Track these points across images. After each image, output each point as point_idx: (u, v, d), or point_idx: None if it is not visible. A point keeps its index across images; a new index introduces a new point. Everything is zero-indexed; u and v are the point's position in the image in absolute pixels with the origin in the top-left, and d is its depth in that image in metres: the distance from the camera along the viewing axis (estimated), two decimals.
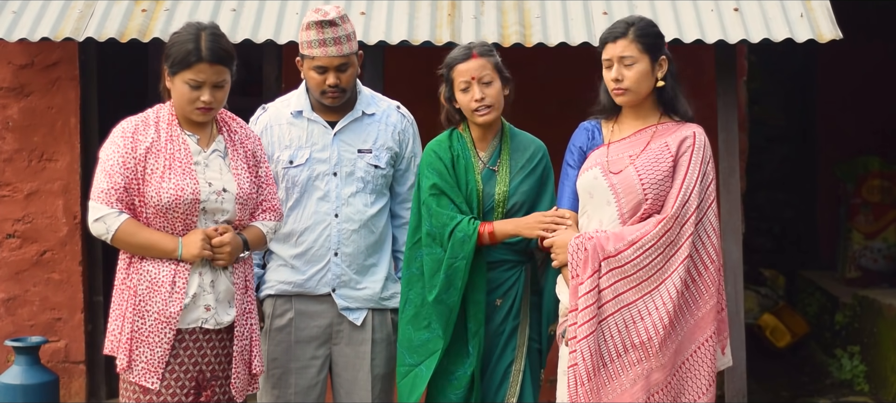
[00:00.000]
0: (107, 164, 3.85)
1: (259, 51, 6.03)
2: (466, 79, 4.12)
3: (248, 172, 3.96)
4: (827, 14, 5.68)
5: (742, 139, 6.61)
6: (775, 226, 10.41)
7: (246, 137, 4.03)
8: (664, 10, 5.71)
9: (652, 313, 3.80)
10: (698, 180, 3.86)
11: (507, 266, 4.18)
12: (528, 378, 4.16)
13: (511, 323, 4.17)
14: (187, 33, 3.86)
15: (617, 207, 3.87)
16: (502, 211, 4.16)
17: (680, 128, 3.93)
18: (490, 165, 4.21)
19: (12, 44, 5.95)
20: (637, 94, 3.91)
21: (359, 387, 4.38)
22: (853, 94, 9.48)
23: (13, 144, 6.52)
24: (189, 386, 3.86)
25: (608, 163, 3.90)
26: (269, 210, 4.04)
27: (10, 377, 5.98)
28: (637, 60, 3.88)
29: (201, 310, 3.86)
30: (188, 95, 3.84)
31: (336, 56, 4.22)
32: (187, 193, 3.81)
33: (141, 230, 3.82)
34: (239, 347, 3.92)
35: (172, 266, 3.82)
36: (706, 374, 3.88)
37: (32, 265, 6.56)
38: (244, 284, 3.97)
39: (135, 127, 3.88)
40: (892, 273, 8.57)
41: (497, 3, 5.84)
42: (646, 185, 3.84)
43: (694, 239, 3.84)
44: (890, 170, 8.78)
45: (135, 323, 3.80)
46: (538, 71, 6.17)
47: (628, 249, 3.80)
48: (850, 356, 7.79)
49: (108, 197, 3.82)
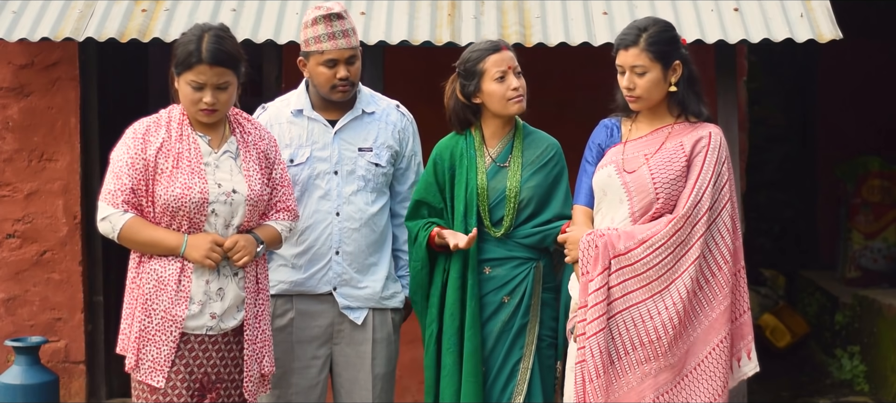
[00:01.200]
0: (116, 165, 3.87)
1: (259, 51, 6.02)
2: (503, 68, 4.14)
3: (260, 173, 3.96)
4: (827, 14, 5.68)
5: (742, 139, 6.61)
6: (775, 226, 10.41)
7: (260, 138, 4.03)
8: (664, 10, 5.71)
9: (661, 312, 3.79)
10: (712, 180, 3.84)
11: (516, 263, 4.19)
12: (536, 376, 4.16)
13: (519, 321, 4.17)
14: (192, 34, 3.87)
15: (629, 206, 3.87)
16: (513, 205, 4.16)
17: (696, 129, 3.91)
18: (499, 161, 4.22)
19: (12, 44, 5.95)
20: (649, 100, 3.90)
21: (359, 387, 4.38)
22: (853, 94, 9.48)
23: (13, 144, 6.52)
24: (194, 388, 3.87)
25: (623, 161, 3.90)
26: (284, 210, 4.04)
27: (10, 377, 5.98)
28: (648, 69, 3.86)
29: (207, 318, 3.86)
30: (191, 96, 3.85)
31: (346, 48, 4.23)
32: (195, 192, 3.82)
33: (145, 227, 3.83)
34: (250, 350, 3.92)
35: (177, 265, 3.83)
36: (720, 377, 3.86)
37: (32, 265, 6.55)
38: (255, 286, 3.96)
39: (146, 128, 3.90)
40: (892, 273, 8.57)
41: (497, 3, 5.84)
42: (657, 184, 3.84)
43: (706, 239, 3.83)
44: (890, 170, 8.77)
45: (142, 322, 3.82)
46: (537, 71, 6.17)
47: (638, 247, 3.80)
48: (850, 356, 7.79)
49: (115, 198, 3.84)
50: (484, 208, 4.17)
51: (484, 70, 4.15)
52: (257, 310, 3.96)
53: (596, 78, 4.56)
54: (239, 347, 3.94)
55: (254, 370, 3.93)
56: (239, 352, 3.94)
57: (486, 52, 4.17)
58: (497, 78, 4.14)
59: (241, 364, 3.94)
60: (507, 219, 4.17)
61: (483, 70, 4.15)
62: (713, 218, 3.85)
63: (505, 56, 4.16)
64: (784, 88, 10.43)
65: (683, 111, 3.93)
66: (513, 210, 4.17)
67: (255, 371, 3.94)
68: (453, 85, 4.24)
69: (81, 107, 6.48)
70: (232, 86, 3.89)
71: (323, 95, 4.32)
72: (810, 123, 10.06)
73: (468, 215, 4.18)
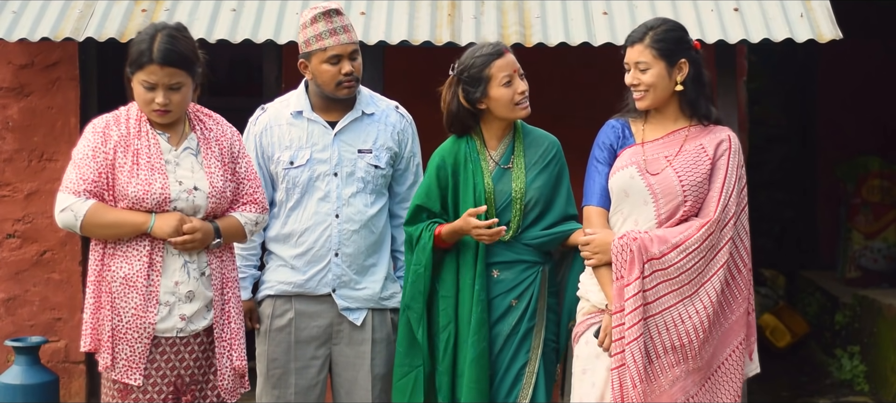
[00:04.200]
0: (77, 158, 3.84)
1: (259, 51, 6.02)
2: (509, 73, 4.12)
3: (222, 169, 3.92)
4: (827, 14, 5.68)
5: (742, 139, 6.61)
6: (775, 226, 10.41)
7: (221, 133, 3.99)
8: (664, 10, 5.71)
9: (692, 316, 3.80)
10: (736, 183, 3.86)
11: (525, 267, 4.18)
12: (541, 379, 4.15)
13: (526, 324, 4.16)
14: (145, 33, 3.83)
15: (654, 208, 3.85)
16: (520, 207, 4.16)
17: (712, 131, 3.91)
18: (502, 163, 4.21)
19: (12, 44, 5.95)
20: (654, 98, 3.90)
21: (359, 387, 4.38)
22: (853, 94, 9.48)
23: (13, 144, 6.52)
24: (167, 391, 3.85)
25: (645, 163, 3.89)
26: (251, 203, 4.00)
27: (10, 377, 5.98)
28: (651, 66, 3.87)
29: (176, 319, 3.84)
30: (144, 96, 3.82)
31: (348, 43, 4.23)
32: (155, 189, 3.79)
33: (109, 211, 3.80)
34: (220, 349, 3.91)
35: (145, 261, 3.79)
36: (738, 378, 3.90)
37: (32, 265, 6.56)
38: (221, 285, 3.94)
39: (105, 123, 3.88)
40: (892, 273, 8.57)
41: (497, 3, 5.84)
42: (686, 186, 3.83)
43: (731, 243, 3.85)
44: (890, 170, 8.77)
45: (113, 321, 3.79)
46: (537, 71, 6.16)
47: (672, 252, 3.79)
48: (850, 356, 7.79)
49: (76, 186, 3.81)
50: (491, 212, 4.15)
51: (491, 76, 4.11)
52: (225, 306, 3.93)
53: (596, 78, 4.57)
54: (212, 346, 3.92)
55: (227, 368, 3.91)
56: (213, 351, 3.92)
57: (491, 57, 4.13)
58: (504, 83, 4.12)
59: (214, 364, 3.93)
60: (514, 221, 4.15)
61: (490, 76, 4.12)
62: (736, 222, 3.87)
63: (509, 60, 4.14)
64: (784, 88, 10.43)
65: (694, 113, 3.93)
66: (520, 212, 4.16)
67: (228, 368, 3.91)
68: (452, 90, 4.19)
69: (81, 107, 6.48)
70: (185, 87, 3.84)
71: (328, 94, 4.30)
72: (810, 123, 10.06)
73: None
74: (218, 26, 5.67)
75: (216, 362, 3.92)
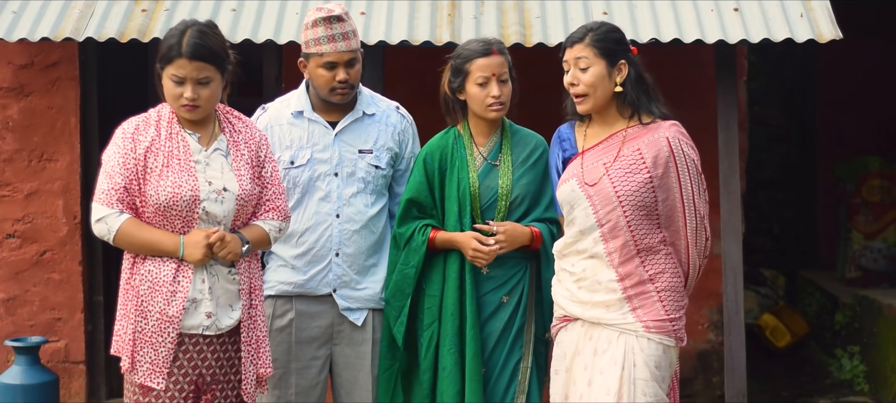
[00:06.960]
0: (108, 165, 3.85)
1: (259, 51, 6.02)
2: (486, 74, 4.14)
3: (250, 171, 3.93)
4: (827, 14, 5.68)
5: (742, 139, 6.60)
6: (775, 226, 10.41)
7: (250, 136, 3.99)
8: (664, 10, 5.71)
9: None
10: (693, 186, 3.87)
11: (513, 262, 4.21)
12: (534, 374, 4.19)
13: (519, 320, 4.19)
14: (176, 29, 3.86)
15: (595, 217, 3.87)
16: (505, 204, 4.17)
17: (650, 131, 3.89)
18: (490, 159, 4.22)
19: (12, 44, 5.95)
20: (595, 99, 3.91)
21: (359, 387, 4.38)
22: (853, 94, 9.48)
23: (13, 144, 6.52)
24: (188, 390, 3.84)
25: (583, 173, 3.90)
26: (273, 210, 3.99)
27: (10, 377, 5.98)
28: (592, 64, 3.88)
29: (202, 317, 3.84)
30: (173, 91, 3.82)
31: (346, 51, 4.23)
32: (185, 190, 3.80)
33: (142, 229, 3.81)
34: (246, 351, 3.91)
35: (173, 266, 3.81)
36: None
37: (32, 265, 6.56)
38: (249, 286, 3.94)
39: (135, 127, 3.88)
40: (892, 273, 8.57)
41: (497, 3, 5.84)
42: (621, 195, 3.83)
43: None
44: (890, 170, 8.77)
45: (138, 324, 3.79)
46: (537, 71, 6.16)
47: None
48: (850, 356, 7.79)
49: (109, 198, 3.82)
50: (476, 208, 4.17)
51: (469, 71, 4.16)
52: (252, 311, 3.94)
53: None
54: (235, 348, 3.92)
55: (250, 371, 3.92)
56: (235, 354, 3.92)
57: (475, 53, 4.17)
58: (479, 83, 4.15)
59: (237, 366, 3.92)
60: (497, 218, 4.18)
61: (468, 71, 4.17)
62: (706, 217, 3.94)
63: (492, 62, 4.15)
64: (784, 88, 10.43)
65: (635, 112, 3.93)
66: (504, 209, 4.17)
67: (252, 372, 3.92)
68: (445, 75, 4.27)
69: (81, 107, 6.48)
70: (214, 82, 3.85)
71: (322, 97, 4.31)
72: (810, 123, 10.06)
73: (462, 214, 4.18)
74: (218, 26, 5.66)
75: (240, 365, 3.92)
